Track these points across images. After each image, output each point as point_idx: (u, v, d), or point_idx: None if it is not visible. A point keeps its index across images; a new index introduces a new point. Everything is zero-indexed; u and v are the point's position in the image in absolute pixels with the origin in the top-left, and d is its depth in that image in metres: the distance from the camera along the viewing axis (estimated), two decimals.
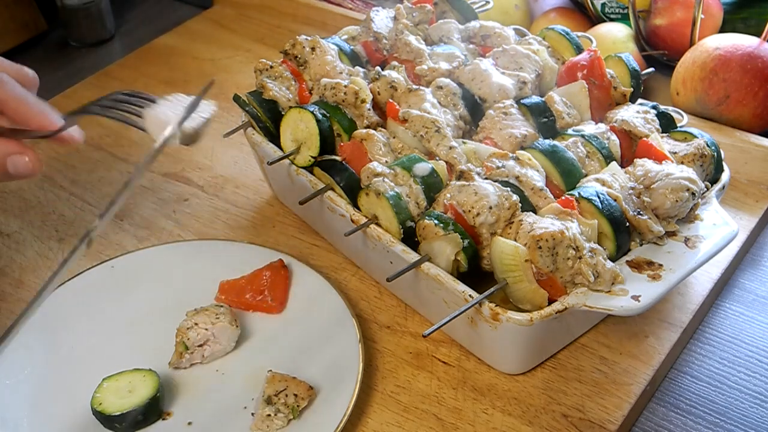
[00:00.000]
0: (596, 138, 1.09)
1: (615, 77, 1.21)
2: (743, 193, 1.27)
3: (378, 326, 1.09)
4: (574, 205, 0.98)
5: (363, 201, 1.05)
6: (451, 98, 1.16)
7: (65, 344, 1.05)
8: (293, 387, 0.95)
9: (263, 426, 0.94)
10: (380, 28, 1.30)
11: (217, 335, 1.02)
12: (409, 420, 0.97)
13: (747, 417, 0.99)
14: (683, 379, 1.04)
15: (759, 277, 1.18)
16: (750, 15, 1.54)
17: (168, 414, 0.97)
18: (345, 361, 0.99)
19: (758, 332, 1.09)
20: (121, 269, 1.13)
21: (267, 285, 1.09)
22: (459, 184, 1.01)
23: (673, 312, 1.08)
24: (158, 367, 1.00)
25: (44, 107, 0.94)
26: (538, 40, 1.29)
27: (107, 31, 1.82)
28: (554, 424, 0.96)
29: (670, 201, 0.99)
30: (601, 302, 0.92)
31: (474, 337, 1.01)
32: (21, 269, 1.20)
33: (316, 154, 1.11)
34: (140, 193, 1.34)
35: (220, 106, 1.53)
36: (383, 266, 1.05)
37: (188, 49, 1.73)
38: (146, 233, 1.26)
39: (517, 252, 0.93)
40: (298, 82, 1.22)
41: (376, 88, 1.16)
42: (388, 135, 1.11)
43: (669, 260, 0.97)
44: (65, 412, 0.97)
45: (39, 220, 1.29)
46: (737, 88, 1.33)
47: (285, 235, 1.24)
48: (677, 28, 1.50)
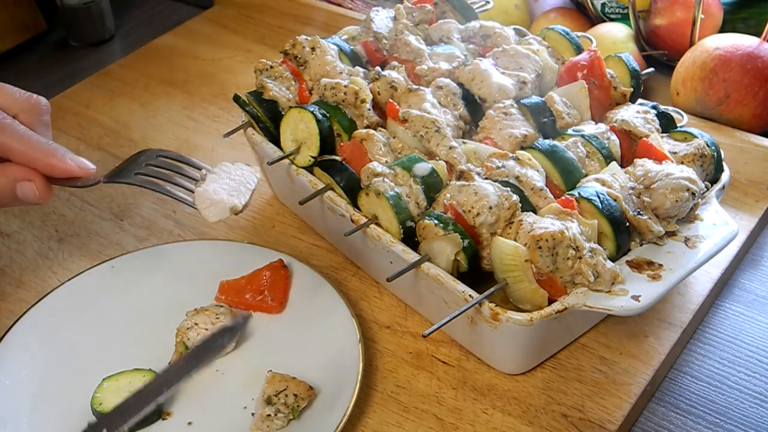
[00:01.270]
0: (596, 138, 1.09)
1: (615, 77, 1.21)
2: (743, 193, 1.27)
3: (378, 326, 1.09)
4: (574, 205, 0.98)
5: (363, 201, 1.05)
6: (451, 98, 1.16)
7: (65, 344, 1.05)
8: (293, 387, 0.95)
9: (263, 426, 0.94)
10: (380, 28, 1.30)
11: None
12: (409, 420, 0.97)
13: (747, 417, 0.99)
14: (683, 379, 1.04)
15: (759, 277, 1.18)
16: (750, 15, 1.54)
17: (168, 414, 0.97)
18: (345, 361, 0.99)
19: (758, 332, 1.09)
20: (121, 269, 1.13)
21: (267, 285, 1.09)
22: (459, 184, 1.01)
23: (673, 312, 1.08)
24: (158, 367, 1.00)
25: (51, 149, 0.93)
26: (538, 40, 1.29)
27: (107, 31, 1.82)
28: (554, 424, 0.96)
29: (670, 201, 0.99)
30: (601, 302, 0.92)
31: (474, 337, 1.01)
32: (21, 269, 1.20)
33: (316, 154, 1.11)
34: (140, 193, 1.34)
35: (220, 106, 1.54)
36: (383, 266, 1.05)
37: (188, 49, 1.73)
38: (146, 233, 1.26)
39: (517, 252, 0.93)
40: (298, 82, 1.22)
41: (376, 88, 1.16)
42: (388, 135, 1.11)
43: (669, 260, 0.97)
44: (65, 412, 0.97)
45: (39, 220, 1.29)
46: (737, 88, 1.33)
47: (285, 235, 1.24)
48: (677, 28, 1.50)
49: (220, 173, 0.99)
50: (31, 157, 0.92)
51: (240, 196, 0.97)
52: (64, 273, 1.18)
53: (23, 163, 0.92)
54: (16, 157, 0.92)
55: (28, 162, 0.92)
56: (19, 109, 0.95)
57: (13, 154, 0.91)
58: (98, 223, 1.28)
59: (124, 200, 1.32)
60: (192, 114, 1.53)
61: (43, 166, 0.92)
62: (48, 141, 0.94)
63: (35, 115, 0.96)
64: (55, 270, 1.20)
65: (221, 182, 0.98)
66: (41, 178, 0.93)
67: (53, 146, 0.94)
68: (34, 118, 0.96)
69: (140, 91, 1.60)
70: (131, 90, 1.61)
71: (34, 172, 0.92)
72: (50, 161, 0.92)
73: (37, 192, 0.93)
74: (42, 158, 0.92)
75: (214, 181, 0.98)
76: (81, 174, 0.94)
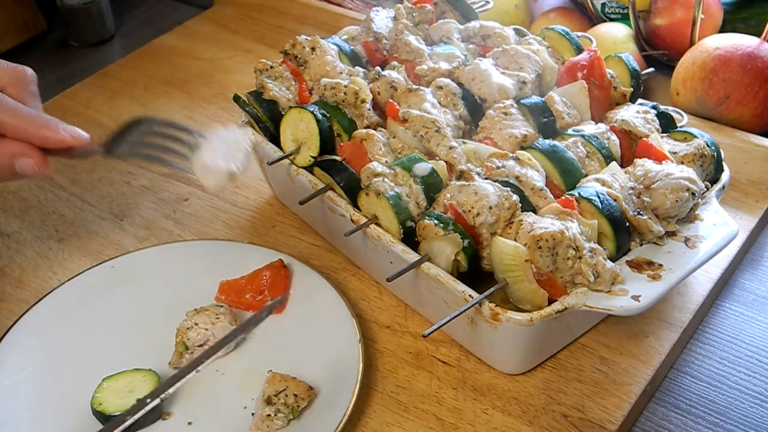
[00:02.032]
0: (596, 138, 1.09)
1: (615, 77, 1.21)
2: (743, 193, 1.27)
3: (378, 326, 1.09)
4: (574, 205, 0.98)
5: (363, 201, 1.05)
6: (451, 98, 1.16)
7: (65, 344, 1.05)
8: (293, 387, 0.95)
9: (263, 426, 0.94)
10: (380, 28, 1.30)
11: (217, 335, 1.03)
12: (409, 420, 0.97)
13: (747, 417, 0.99)
14: (683, 379, 1.04)
15: (759, 277, 1.18)
16: (750, 15, 1.54)
17: (168, 414, 0.97)
18: (345, 361, 0.99)
19: (758, 332, 1.09)
20: (121, 269, 1.13)
21: (267, 285, 1.09)
22: (459, 184, 1.01)
23: (673, 312, 1.08)
24: (158, 367, 1.00)
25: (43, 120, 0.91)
26: (538, 40, 1.29)
27: (107, 31, 1.82)
28: (554, 424, 0.96)
29: (670, 201, 0.98)
30: (601, 302, 0.92)
31: (474, 337, 1.01)
32: (21, 269, 1.20)
33: (316, 154, 1.11)
34: (140, 193, 1.34)
35: (220, 106, 1.54)
36: (383, 266, 1.05)
37: (188, 49, 1.73)
38: (146, 233, 1.26)
39: (517, 252, 0.93)
40: (298, 82, 1.22)
41: (376, 88, 1.16)
42: (388, 135, 1.11)
43: (669, 260, 0.97)
44: (65, 412, 0.97)
45: (39, 220, 1.29)
46: (737, 88, 1.33)
47: (285, 235, 1.24)
48: (677, 28, 1.50)
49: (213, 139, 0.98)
50: (23, 130, 0.90)
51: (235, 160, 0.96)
52: (64, 273, 1.18)
53: (16, 136, 0.90)
54: (8, 131, 0.90)
55: (21, 135, 0.90)
56: (7, 83, 0.94)
57: (6, 128, 0.90)
58: (98, 223, 1.28)
59: (124, 200, 1.32)
60: (192, 114, 1.53)
61: (36, 138, 0.91)
62: (39, 113, 0.93)
63: (23, 86, 0.95)
64: (55, 270, 1.20)
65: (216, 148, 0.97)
66: (37, 151, 0.92)
67: (45, 118, 0.92)
68: (22, 90, 0.95)
69: (140, 91, 1.60)
70: (131, 90, 1.61)
71: (30, 146, 0.91)
72: (43, 133, 0.91)
73: (35, 167, 0.92)
74: (35, 131, 0.91)
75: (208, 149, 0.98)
76: (75, 143, 0.93)
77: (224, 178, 0.95)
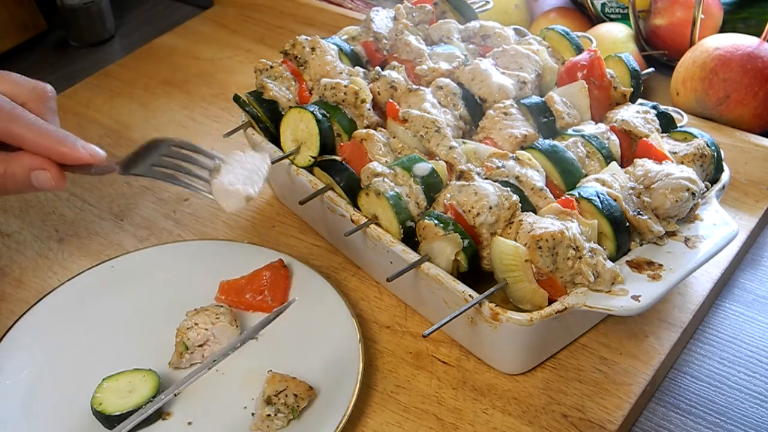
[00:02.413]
0: (596, 138, 1.09)
1: (615, 77, 1.21)
2: (743, 193, 1.27)
3: (378, 326, 1.09)
4: (574, 205, 0.98)
5: (363, 201, 1.05)
6: (451, 98, 1.16)
7: (65, 344, 1.05)
8: (293, 387, 0.95)
9: (263, 426, 0.94)
10: (380, 28, 1.30)
11: (217, 335, 1.03)
12: (409, 420, 0.97)
13: (747, 417, 0.99)
14: (683, 379, 1.04)
15: (759, 277, 1.18)
16: (750, 15, 1.54)
17: (168, 414, 0.97)
18: (345, 361, 0.99)
19: (758, 332, 1.09)
20: (121, 269, 1.13)
21: (267, 285, 1.09)
22: (459, 184, 1.01)
23: (673, 312, 1.08)
24: (158, 367, 1.00)
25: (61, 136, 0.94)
26: (538, 40, 1.29)
27: (107, 31, 1.82)
28: (554, 424, 0.96)
29: (670, 201, 0.99)
30: (601, 302, 0.92)
31: (474, 337, 1.01)
32: (21, 269, 1.20)
33: (316, 154, 1.11)
34: (140, 193, 1.34)
35: (220, 106, 1.54)
36: (383, 266, 1.05)
37: (188, 49, 1.73)
38: (146, 233, 1.26)
39: (517, 252, 0.93)
40: (298, 82, 1.22)
41: (376, 88, 1.16)
42: (388, 135, 1.11)
43: (669, 260, 0.97)
44: (65, 412, 0.97)
45: (39, 220, 1.29)
46: (737, 88, 1.33)
47: (285, 235, 1.24)
48: (677, 28, 1.49)
49: (233, 163, 1.00)
50: (43, 145, 0.93)
51: (253, 184, 0.98)
52: (64, 273, 1.18)
53: (35, 151, 0.93)
54: (28, 146, 0.93)
55: (40, 150, 0.93)
56: (27, 98, 0.96)
57: (26, 143, 0.92)
58: (98, 223, 1.28)
59: (124, 200, 1.32)
60: (192, 114, 1.53)
61: (54, 154, 0.93)
62: (58, 129, 0.95)
63: (42, 102, 0.97)
64: (55, 270, 1.20)
65: (236, 172, 0.99)
66: (55, 166, 0.94)
67: (63, 134, 0.95)
68: (42, 106, 0.97)
69: (140, 91, 1.60)
70: (131, 90, 1.61)
71: (48, 160, 0.93)
72: (61, 149, 0.93)
73: (52, 181, 0.94)
74: (53, 146, 0.93)
75: (228, 172, 0.99)
76: (92, 161, 0.95)
77: (242, 201, 0.97)
